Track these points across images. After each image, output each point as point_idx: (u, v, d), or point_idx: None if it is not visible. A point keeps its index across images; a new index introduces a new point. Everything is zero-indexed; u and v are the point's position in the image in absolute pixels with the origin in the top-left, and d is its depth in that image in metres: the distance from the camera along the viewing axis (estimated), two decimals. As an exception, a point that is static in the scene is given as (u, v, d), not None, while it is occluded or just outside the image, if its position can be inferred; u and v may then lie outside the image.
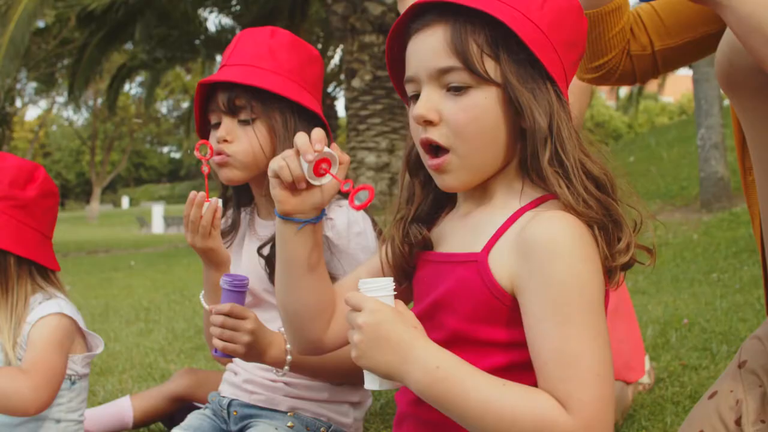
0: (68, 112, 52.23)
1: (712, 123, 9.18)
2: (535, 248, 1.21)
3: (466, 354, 1.23)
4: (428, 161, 1.33)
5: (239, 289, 1.80)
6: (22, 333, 2.05)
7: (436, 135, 1.29)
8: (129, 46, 19.00)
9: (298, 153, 1.31)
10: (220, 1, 17.63)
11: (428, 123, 1.29)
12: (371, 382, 1.27)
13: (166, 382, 2.93)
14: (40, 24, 17.66)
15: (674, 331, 3.90)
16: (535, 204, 1.31)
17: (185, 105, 47.56)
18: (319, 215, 1.39)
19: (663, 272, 6.09)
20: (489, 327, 1.27)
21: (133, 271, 10.60)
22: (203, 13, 18.25)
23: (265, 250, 2.00)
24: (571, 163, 1.27)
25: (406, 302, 1.48)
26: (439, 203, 1.46)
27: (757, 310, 4.20)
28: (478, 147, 1.29)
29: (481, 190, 1.37)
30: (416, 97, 1.33)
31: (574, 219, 1.23)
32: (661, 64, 1.82)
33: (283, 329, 1.86)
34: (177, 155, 64.17)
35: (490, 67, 1.28)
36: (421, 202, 1.44)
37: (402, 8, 2.38)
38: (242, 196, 2.20)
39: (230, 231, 2.18)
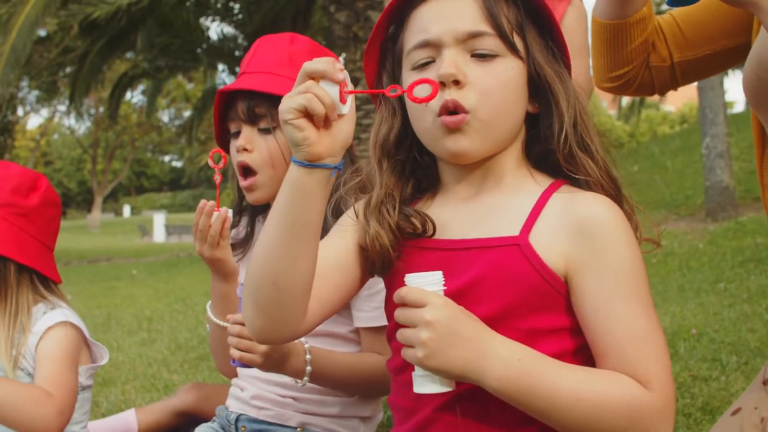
0: (70, 121, 52.23)
1: (717, 132, 9.16)
2: (595, 229, 1.21)
3: None
4: (445, 119, 1.26)
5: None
6: (27, 343, 2.02)
7: (460, 96, 1.26)
8: (131, 54, 18.99)
9: (315, 80, 1.16)
10: (222, 10, 17.61)
11: (455, 83, 1.26)
12: (429, 385, 1.17)
13: (172, 397, 2.90)
14: (42, 33, 17.65)
15: (683, 342, 3.86)
16: (555, 187, 1.31)
17: (187, 114, 47.59)
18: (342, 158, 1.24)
19: (669, 282, 6.06)
20: (534, 313, 1.23)
21: (135, 280, 10.57)
22: (205, 21, 18.25)
23: None
24: (595, 146, 1.31)
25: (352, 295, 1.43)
26: (418, 189, 1.43)
27: (765, 321, 4.17)
28: (499, 115, 1.28)
29: (483, 172, 1.34)
30: (425, 65, 1.31)
31: (612, 201, 1.26)
32: (680, 76, 1.79)
33: (305, 341, 1.80)
34: (178, 164, 64.16)
35: (518, 41, 1.30)
36: (403, 187, 1.40)
37: None
38: (258, 207, 2.15)
39: (244, 243, 2.13)
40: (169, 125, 51.37)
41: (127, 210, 58.34)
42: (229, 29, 19.68)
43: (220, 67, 20.20)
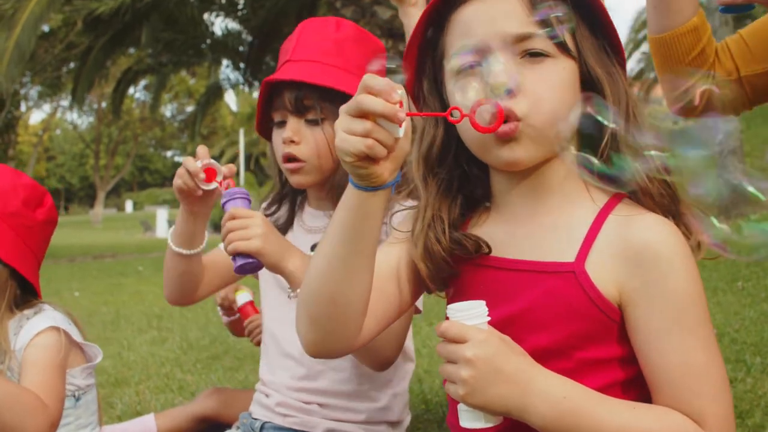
0: (72, 116, 52.20)
1: (730, 128, 9.09)
2: (651, 258, 1.15)
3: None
4: (498, 129, 1.19)
5: (240, 196, 1.75)
6: (15, 359, 1.94)
7: (512, 104, 1.19)
8: (133, 50, 18.94)
9: (365, 115, 1.09)
10: (227, 5, 17.55)
11: (507, 92, 1.19)
12: (474, 420, 1.14)
13: (192, 402, 2.85)
14: (45, 28, 17.59)
15: (705, 343, 3.80)
16: (612, 205, 1.24)
17: (189, 109, 47.54)
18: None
19: (684, 280, 5.99)
20: (588, 343, 1.19)
21: (142, 276, 10.51)
22: (210, 17, 18.18)
23: None
24: (650, 153, 1.23)
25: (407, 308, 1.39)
26: (467, 203, 1.37)
27: (787, 321, 4.11)
28: (552, 120, 1.21)
29: (536, 181, 1.27)
30: (470, 68, 1.24)
31: (671, 224, 1.20)
32: (750, 92, 1.72)
33: (311, 253, 1.76)
34: (181, 159, 64.16)
35: (568, 40, 1.23)
36: (451, 206, 1.34)
37: (404, 17, 2.27)
38: (294, 197, 2.11)
39: (284, 230, 2.05)
40: (171, 120, 51.35)
41: (129, 205, 58.30)
42: (233, 24, 19.60)
43: (225, 62, 20.15)
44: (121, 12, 14.85)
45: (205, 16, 17.86)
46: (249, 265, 1.70)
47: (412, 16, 2.26)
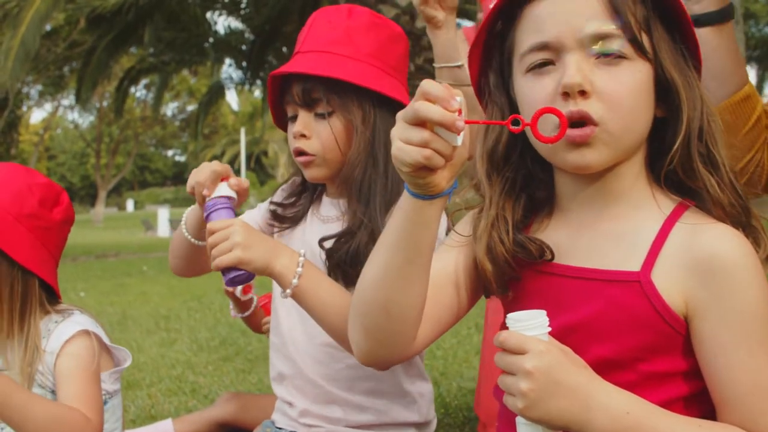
0: (73, 115, 52.19)
1: None
2: (720, 269, 1.10)
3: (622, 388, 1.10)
4: (571, 133, 1.13)
5: (220, 207, 1.68)
6: (45, 363, 1.89)
7: (586, 107, 1.13)
8: (134, 49, 18.89)
9: (422, 123, 1.04)
10: (230, 4, 17.50)
11: (582, 94, 1.13)
12: None
13: (211, 407, 2.82)
14: (47, 27, 17.55)
15: None
16: (678, 213, 1.19)
17: (190, 108, 47.49)
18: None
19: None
20: (652, 356, 1.14)
21: (146, 276, 10.45)
22: (212, 16, 18.14)
23: (328, 243, 1.83)
24: (722, 161, 1.18)
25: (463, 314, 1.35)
26: (530, 204, 1.31)
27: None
28: (628, 126, 1.15)
29: (603, 185, 1.22)
30: (541, 66, 1.18)
31: (741, 235, 1.15)
32: None
33: (303, 252, 1.70)
34: (182, 158, 64.18)
35: (645, 41, 1.17)
36: (515, 206, 1.28)
37: (432, 37, 2.21)
38: (313, 189, 2.03)
39: (294, 220, 1.99)
40: (172, 119, 51.34)
41: (130, 204, 58.27)
42: (236, 23, 19.56)
43: (227, 61, 20.11)
44: (124, 10, 14.79)
45: (208, 14, 17.82)
46: (238, 277, 1.64)
47: (439, 37, 2.21)
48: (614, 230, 1.21)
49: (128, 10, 14.61)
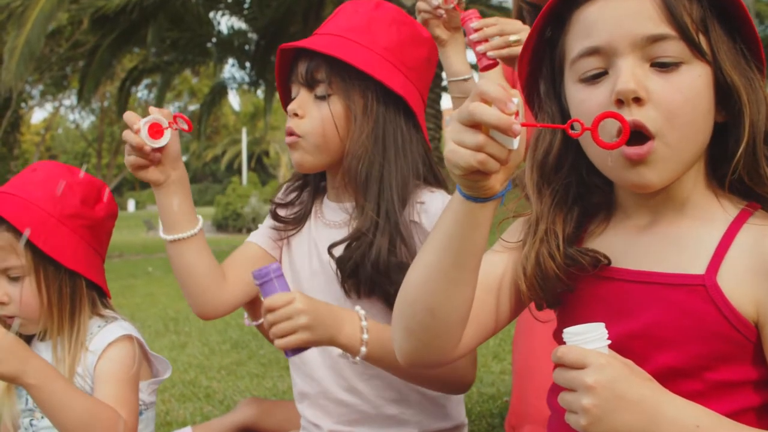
0: (74, 115, 52.16)
1: None
2: None
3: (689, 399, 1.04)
4: (627, 150, 1.07)
5: (269, 278, 1.54)
6: (86, 364, 1.86)
7: (642, 116, 1.07)
8: (137, 50, 18.86)
9: (477, 126, 0.99)
10: (233, 4, 17.47)
11: (636, 101, 1.07)
12: None
13: (231, 412, 2.76)
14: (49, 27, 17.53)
15: None
16: (745, 216, 1.13)
17: (192, 108, 47.46)
18: None
19: None
20: (720, 364, 1.08)
21: (152, 277, 10.39)
22: (216, 16, 18.09)
23: (338, 250, 1.75)
24: None
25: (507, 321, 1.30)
26: (585, 210, 1.25)
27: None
28: (688, 136, 1.09)
29: (665, 195, 1.16)
30: (595, 78, 1.12)
31: None
32: None
33: (359, 309, 1.65)
34: (183, 158, 64.26)
35: (704, 43, 1.10)
36: (567, 218, 1.22)
37: (442, 57, 2.16)
38: (317, 179, 1.95)
39: (298, 221, 1.92)
40: (174, 120, 51.31)
41: (131, 204, 58.17)
42: (239, 24, 19.53)
43: (230, 61, 20.08)
44: (128, 10, 14.76)
45: (211, 14, 17.79)
46: (302, 350, 1.59)
47: (445, 53, 2.19)
48: (675, 233, 1.16)
49: (132, 10, 14.58)
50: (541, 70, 1.26)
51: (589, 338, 1.02)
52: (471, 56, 2.17)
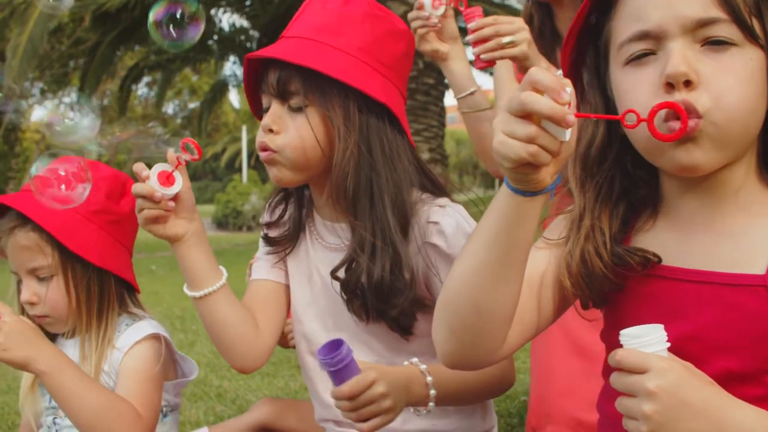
0: (74, 113, 52.08)
1: None
2: None
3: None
4: (673, 124, 1.04)
5: (343, 363, 1.44)
6: (112, 360, 1.85)
7: (693, 99, 1.04)
8: (137, 47, 18.81)
9: (529, 116, 0.96)
10: (235, 2, 17.43)
11: (686, 84, 1.05)
12: None
13: (247, 412, 2.73)
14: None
15: None
16: None
17: (192, 106, 47.38)
18: None
19: None
20: None
21: (156, 276, 10.36)
22: (217, 13, 18.04)
23: (341, 273, 1.68)
24: None
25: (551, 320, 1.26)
26: (631, 206, 1.22)
27: None
28: (737, 118, 1.06)
29: (714, 186, 1.13)
30: (642, 56, 1.10)
31: None
32: None
33: (416, 361, 1.60)
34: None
35: (756, 26, 1.07)
36: (613, 214, 1.19)
37: (444, 71, 2.18)
38: (299, 193, 1.84)
39: (290, 238, 1.83)
40: (173, 117, 51.29)
41: (131, 203, 58.13)
42: (241, 21, 19.49)
43: (231, 59, 20.03)
44: (130, 7, 14.72)
45: (213, 12, 17.73)
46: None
47: (449, 69, 2.17)
48: (729, 230, 1.12)
49: (134, 7, 14.53)
50: (584, 59, 1.23)
51: (648, 341, 0.99)
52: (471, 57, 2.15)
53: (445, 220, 1.65)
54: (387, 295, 1.62)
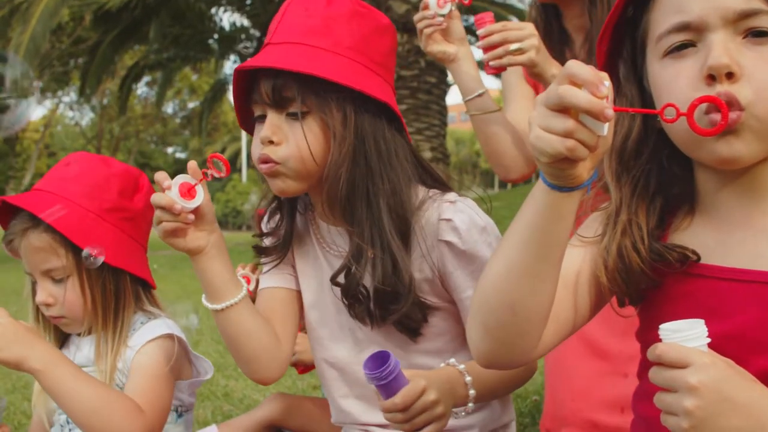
0: (74, 113, 52.08)
1: None
2: None
3: None
4: (714, 118, 1.02)
5: (393, 375, 1.40)
6: (126, 359, 1.83)
7: (735, 91, 1.03)
8: (137, 46, 18.81)
9: (566, 110, 0.94)
10: (235, 1, 17.41)
11: (729, 77, 1.03)
12: None
13: (256, 409, 2.70)
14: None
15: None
16: None
17: (191, 105, 47.36)
18: None
19: None
20: None
21: (158, 275, 10.18)
22: (218, 12, 18.05)
23: (341, 278, 1.65)
24: None
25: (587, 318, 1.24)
26: (667, 203, 1.20)
27: None
28: None
29: (751, 181, 1.11)
30: (681, 48, 1.08)
31: None
32: None
33: (454, 361, 1.58)
34: (182, 155, 64.02)
35: None
36: (650, 209, 1.18)
37: (451, 73, 2.15)
38: (293, 201, 1.80)
39: (283, 246, 1.78)
40: (173, 117, 51.28)
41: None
42: (241, 20, 19.46)
43: (232, 57, 20.03)
44: (131, 6, 14.71)
45: (213, 11, 17.73)
46: None
47: (456, 71, 2.15)
48: (764, 226, 1.10)
49: (135, 6, 14.52)
50: (620, 52, 1.21)
51: (688, 336, 0.97)
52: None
53: (457, 217, 1.61)
54: (387, 301, 1.60)
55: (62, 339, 1.97)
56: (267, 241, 1.81)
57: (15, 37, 11.84)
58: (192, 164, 1.51)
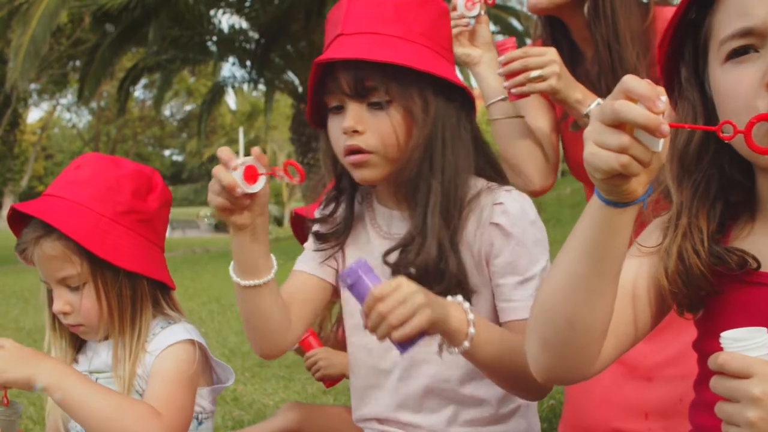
0: (71, 115, 52.03)
1: None
2: None
3: None
4: None
5: (368, 269, 1.38)
6: (145, 364, 1.78)
7: None
8: (135, 49, 18.79)
9: (621, 126, 0.92)
10: (235, 3, 17.41)
11: None
12: None
13: (272, 418, 2.67)
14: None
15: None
16: None
17: (188, 108, 47.38)
18: None
19: None
20: None
21: (159, 277, 10.32)
22: (217, 14, 18.03)
23: (392, 257, 1.64)
24: None
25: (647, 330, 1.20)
26: (727, 208, 1.17)
27: None
28: None
29: None
30: (743, 53, 1.05)
31: None
32: None
33: (459, 299, 1.49)
34: (179, 158, 64.06)
35: None
36: (711, 213, 1.15)
37: (474, 76, 2.17)
38: (355, 188, 1.79)
39: (341, 232, 1.78)
40: (170, 119, 51.30)
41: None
42: (240, 22, 19.46)
43: (230, 60, 20.00)
44: (131, 8, 14.69)
45: (212, 12, 17.71)
46: (416, 341, 1.43)
47: (480, 75, 2.15)
48: None
49: (135, 7, 14.50)
50: (682, 55, 1.18)
51: (751, 345, 0.94)
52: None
53: (510, 203, 1.63)
54: (431, 280, 1.57)
55: (79, 344, 1.93)
56: (322, 228, 1.80)
57: (15, 39, 11.80)
58: (256, 150, 1.49)
